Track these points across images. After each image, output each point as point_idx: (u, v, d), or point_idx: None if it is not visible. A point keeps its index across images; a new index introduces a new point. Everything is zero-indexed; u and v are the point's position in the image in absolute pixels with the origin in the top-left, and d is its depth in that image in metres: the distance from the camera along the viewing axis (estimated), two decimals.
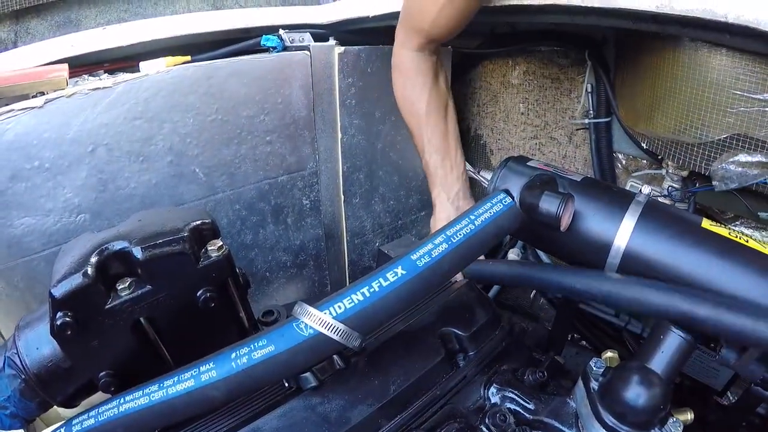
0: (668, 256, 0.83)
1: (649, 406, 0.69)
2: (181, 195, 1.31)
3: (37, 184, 1.08)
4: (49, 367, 0.74)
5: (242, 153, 1.39)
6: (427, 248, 0.75)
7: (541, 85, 1.68)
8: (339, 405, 0.77)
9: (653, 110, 1.24)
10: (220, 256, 0.75)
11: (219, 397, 0.69)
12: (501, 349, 0.94)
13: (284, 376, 0.75)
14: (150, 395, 0.69)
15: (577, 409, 0.79)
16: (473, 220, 0.80)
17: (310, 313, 0.68)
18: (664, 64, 1.17)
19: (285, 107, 1.42)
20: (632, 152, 1.50)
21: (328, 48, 1.43)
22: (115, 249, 0.70)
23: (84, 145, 1.12)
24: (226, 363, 0.69)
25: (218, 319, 0.81)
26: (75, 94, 1.08)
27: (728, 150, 1.09)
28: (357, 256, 1.78)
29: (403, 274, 0.72)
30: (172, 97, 1.22)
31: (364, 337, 0.70)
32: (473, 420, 0.81)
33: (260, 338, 0.70)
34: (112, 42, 1.28)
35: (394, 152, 1.68)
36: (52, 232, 1.13)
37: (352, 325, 0.69)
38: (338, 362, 0.79)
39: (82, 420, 0.71)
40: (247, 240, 1.49)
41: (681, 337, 0.72)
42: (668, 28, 0.99)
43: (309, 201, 1.58)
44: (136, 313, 0.73)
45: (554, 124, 1.69)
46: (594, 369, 0.77)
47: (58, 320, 0.67)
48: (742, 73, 1.03)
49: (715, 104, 1.08)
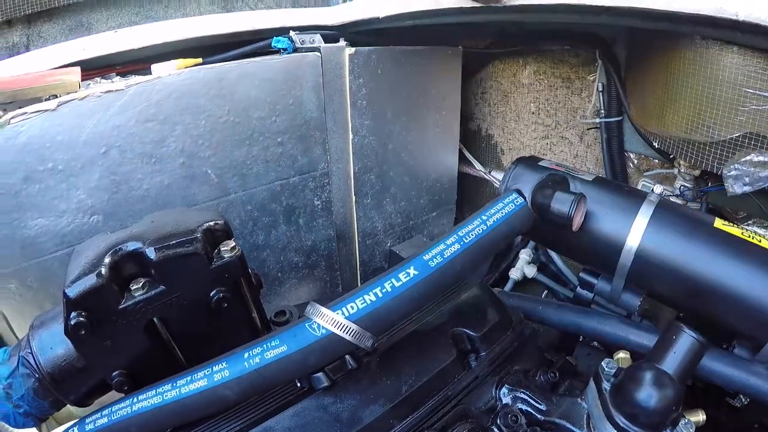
0: (681, 256, 0.83)
1: (661, 407, 0.69)
2: (193, 196, 1.32)
3: (50, 185, 1.09)
4: (63, 367, 0.75)
5: (254, 154, 1.39)
6: (439, 248, 0.76)
7: (551, 84, 1.67)
8: (351, 405, 0.77)
9: (665, 109, 1.23)
10: (233, 256, 0.76)
11: (232, 396, 0.70)
12: (512, 350, 0.93)
13: (297, 376, 0.75)
14: (163, 394, 0.70)
15: (588, 409, 0.79)
16: (485, 220, 0.81)
17: (322, 314, 0.69)
18: (675, 63, 1.17)
19: (296, 108, 1.43)
20: (644, 151, 1.49)
21: (338, 49, 1.43)
22: (128, 250, 0.71)
23: (97, 147, 1.13)
24: (239, 363, 0.70)
25: (231, 319, 0.82)
26: (87, 96, 1.09)
27: (740, 149, 1.08)
28: (368, 257, 1.78)
29: (415, 274, 0.73)
30: (183, 99, 1.23)
31: (377, 337, 0.71)
32: (485, 420, 0.81)
33: (273, 338, 0.71)
34: (124, 45, 1.29)
35: (405, 153, 1.68)
36: (66, 233, 1.14)
37: (364, 325, 0.69)
38: (350, 362, 0.79)
39: (95, 419, 0.72)
40: (259, 241, 1.50)
41: (693, 338, 0.71)
42: (679, 27, 0.98)
43: (320, 202, 1.59)
44: (149, 313, 0.73)
45: (565, 123, 1.69)
46: (606, 370, 0.76)
47: (72, 320, 0.67)
48: (754, 71, 1.02)
49: (726, 103, 1.08)
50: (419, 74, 1.62)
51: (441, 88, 1.71)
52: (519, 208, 0.84)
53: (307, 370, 0.74)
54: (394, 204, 1.75)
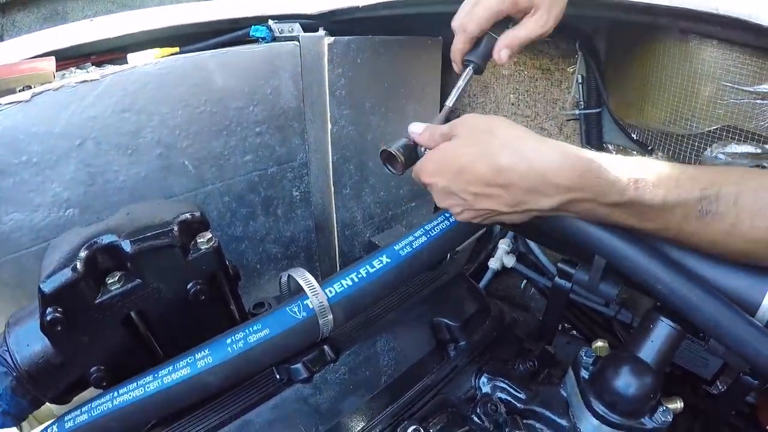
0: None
1: (639, 394, 0.70)
2: (170, 187, 1.30)
3: (25, 179, 1.07)
4: (40, 364, 0.74)
5: (232, 144, 1.38)
6: (409, 240, 0.84)
7: (531, 75, 1.68)
8: (330, 396, 0.77)
9: (644, 101, 1.24)
10: (209, 248, 0.75)
11: (215, 383, 0.71)
12: (492, 339, 0.94)
13: (280, 358, 0.76)
14: (145, 386, 0.70)
15: (567, 398, 0.80)
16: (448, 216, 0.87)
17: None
18: (654, 56, 1.17)
19: (274, 98, 1.41)
20: (622, 143, 1.50)
21: (317, 38, 1.42)
22: (103, 243, 0.70)
23: (72, 138, 1.11)
24: (222, 349, 0.71)
25: (209, 312, 0.81)
26: (62, 87, 1.07)
27: (718, 141, 1.10)
28: (348, 248, 1.77)
29: (387, 261, 0.81)
30: (160, 89, 1.21)
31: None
32: (464, 409, 0.82)
33: (255, 323, 0.73)
34: (100, 34, 1.27)
35: (385, 143, 1.66)
36: (41, 227, 1.12)
37: (342, 306, 0.76)
38: (329, 354, 0.79)
39: (75, 416, 0.71)
40: (237, 232, 1.49)
41: (670, 327, 0.72)
42: (659, 19, 0.99)
43: (299, 192, 1.58)
44: (126, 307, 0.72)
45: (545, 114, 1.70)
46: (584, 358, 0.78)
47: (47, 316, 0.67)
48: (733, 65, 1.03)
49: (705, 96, 1.09)
50: (399, 64, 1.61)
51: (421, 78, 1.70)
52: None
53: (290, 352, 0.76)
54: (373, 194, 1.74)
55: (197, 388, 0.70)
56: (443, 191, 0.72)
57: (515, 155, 0.63)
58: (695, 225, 0.59)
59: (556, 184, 0.62)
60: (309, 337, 0.76)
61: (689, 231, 0.60)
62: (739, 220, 0.57)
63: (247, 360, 0.71)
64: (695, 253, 0.66)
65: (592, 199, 0.62)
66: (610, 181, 0.60)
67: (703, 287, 0.64)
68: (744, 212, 0.56)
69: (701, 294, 0.63)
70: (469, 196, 0.68)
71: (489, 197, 0.67)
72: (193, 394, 0.71)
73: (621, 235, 0.66)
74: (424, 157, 0.76)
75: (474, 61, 0.88)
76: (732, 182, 0.57)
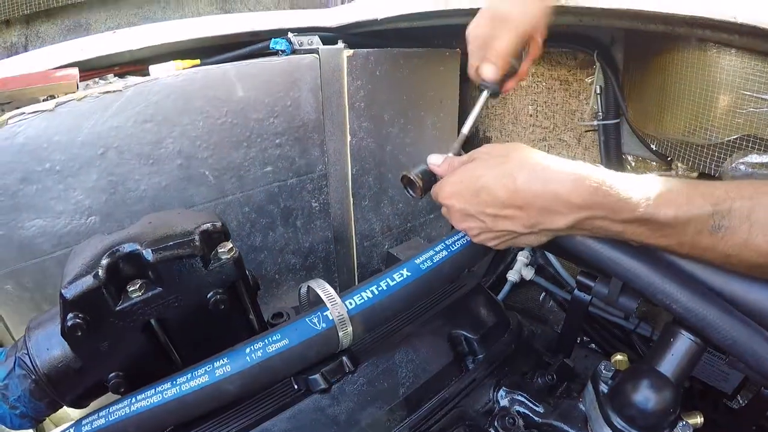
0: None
1: (658, 409, 0.69)
2: (190, 197, 1.31)
3: (47, 186, 1.09)
4: (59, 368, 0.74)
5: (251, 156, 1.39)
6: (429, 254, 0.84)
7: (549, 86, 1.67)
8: (348, 407, 0.77)
9: (662, 111, 1.23)
10: (230, 258, 0.76)
11: (233, 391, 0.71)
12: (510, 352, 0.93)
13: (299, 368, 0.76)
14: (163, 393, 0.70)
15: (586, 412, 0.79)
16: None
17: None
18: (673, 65, 1.17)
19: (294, 110, 1.42)
20: (641, 154, 1.49)
21: (336, 51, 1.43)
22: (125, 251, 0.71)
23: (94, 147, 1.13)
24: (241, 357, 0.71)
25: (228, 321, 0.82)
26: (85, 97, 1.09)
27: (738, 151, 1.08)
28: (366, 259, 1.78)
29: (408, 275, 0.80)
30: (181, 101, 1.23)
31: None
32: (482, 423, 0.81)
33: (274, 333, 0.73)
34: (122, 46, 1.29)
35: (403, 155, 1.67)
36: (63, 233, 1.14)
37: (362, 319, 0.76)
38: (348, 365, 0.79)
39: (92, 420, 0.72)
40: (256, 242, 1.50)
41: (691, 340, 0.71)
42: (677, 29, 0.98)
43: (318, 203, 1.58)
44: (146, 314, 0.73)
45: (563, 126, 1.69)
46: (603, 372, 0.76)
47: (68, 321, 0.67)
48: (752, 74, 1.02)
49: (724, 105, 1.08)
50: (417, 76, 1.62)
51: (439, 90, 1.71)
52: None
53: (308, 363, 0.76)
54: (392, 206, 1.75)
55: (215, 396, 0.71)
56: (461, 213, 0.73)
57: (530, 176, 0.65)
58: (708, 240, 0.59)
59: (570, 202, 0.63)
60: (328, 349, 0.76)
61: (703, 246, 0.60)
62: (753, 235, 0.57)
63: (265, 369, 0.71)
64: (711, 268, 0.66)
65: (605, 217, 0.63)
66: (622, 199, 0.61)
67: (720, 304, 0.64)
68: (757, 227, 0.56)
69: (717, 312, 0.63)
70: (487, 217, 0.70)
71: (506, 218, 0.68)
72: (210, 402, 0.71)
73: (634, 254, 0.67)
74: (442, 180, 0.78)
75: (489, 86, 0.88)
76: (745, 197, 0.58)
